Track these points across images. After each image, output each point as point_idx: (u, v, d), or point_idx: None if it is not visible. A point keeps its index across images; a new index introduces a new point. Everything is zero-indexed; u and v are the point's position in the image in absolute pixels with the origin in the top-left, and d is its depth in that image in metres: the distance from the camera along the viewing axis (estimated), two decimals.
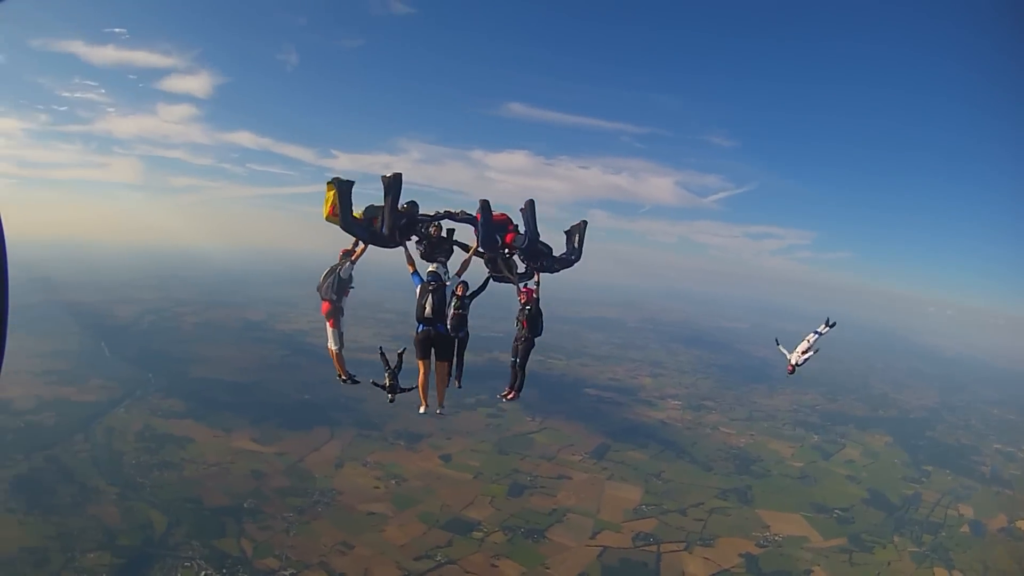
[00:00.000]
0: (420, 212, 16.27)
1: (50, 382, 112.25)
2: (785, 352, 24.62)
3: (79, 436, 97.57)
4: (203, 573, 72.14)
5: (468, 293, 16.53)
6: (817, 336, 24.34)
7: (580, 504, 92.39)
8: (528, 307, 16.94)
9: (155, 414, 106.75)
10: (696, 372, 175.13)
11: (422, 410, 16.69)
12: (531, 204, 16.33)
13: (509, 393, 18.19)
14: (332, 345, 17.74)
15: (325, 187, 14.84)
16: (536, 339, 17.49)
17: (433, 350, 15.90)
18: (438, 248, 16.35)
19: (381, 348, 17.46)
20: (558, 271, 17.17)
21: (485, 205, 15.80)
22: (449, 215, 16.33)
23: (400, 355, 17.20)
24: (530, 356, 17.62)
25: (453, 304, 16.38)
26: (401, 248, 16.10)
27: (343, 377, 18.30)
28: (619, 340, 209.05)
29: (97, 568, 71.37)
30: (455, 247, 16.68)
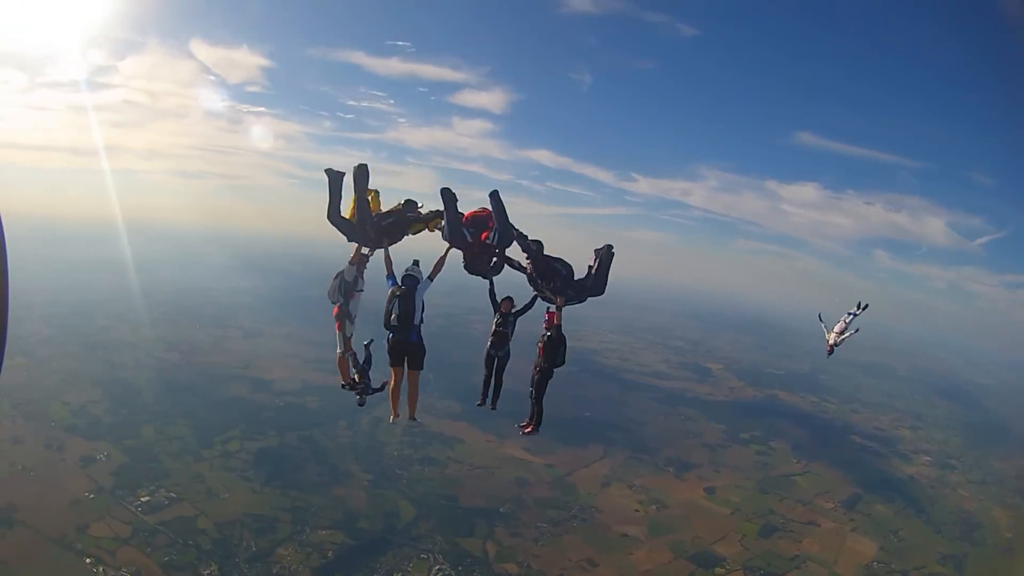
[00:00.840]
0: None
1: (321, 370, 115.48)
2: (825, 330, 23.80)
3: (342, 422, 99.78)
4: (437, 568, 71.00)
5: (514, 310, 15.54)
6: (851, 317, 23.61)
7: (820, 553, 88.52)
8: (549, 333, 15.26)
9: (429, 412, 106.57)
10: (949, 427, 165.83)
11: (391, 419, 15.47)
12: (495, 194, 13.84)
13: (527, 427, 16.59)
14: (337, 350, 16.15)
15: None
16: (555, 370, 15.69)
17: (405, 359, 14.31)
18: None
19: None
20: (575, 299, 14.95)
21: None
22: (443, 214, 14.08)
23: (367, 347, 16.39)
24: (547, 387, 16.03)
25: (495, 321, 15.75)
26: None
27: (344, 384, 16.58)
28: (888, 387, 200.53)
29: (326, 544, 71.94)
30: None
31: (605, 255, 14.91)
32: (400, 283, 14.19)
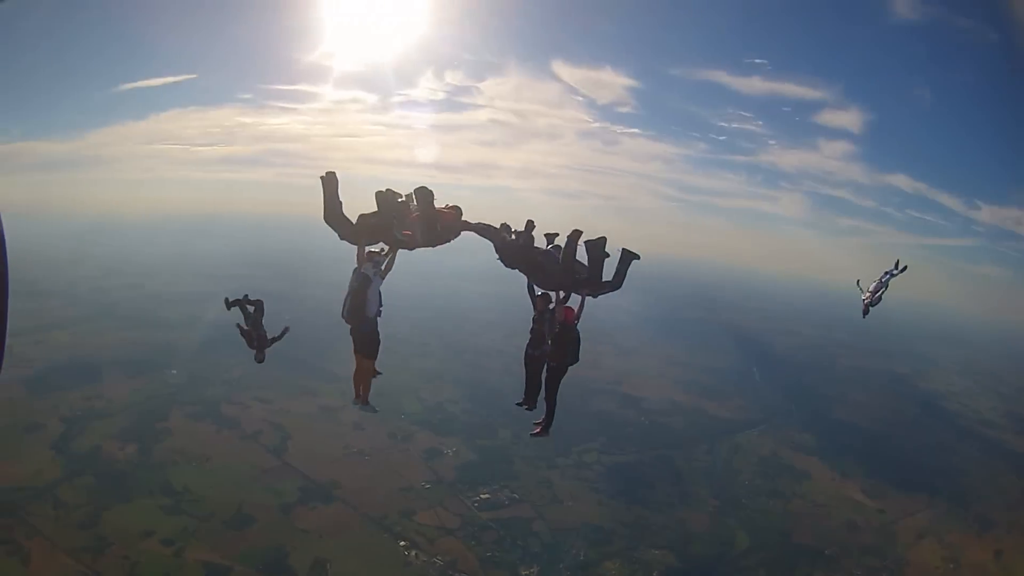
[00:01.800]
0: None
1: (690, 392, 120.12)
2: (861, 293, 21.48)
3: (703, 446, 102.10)
4: None
5: (551, 307, 15.72)
6: (888, 276, 21.53)
7: None
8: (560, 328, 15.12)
9: (785, 444, 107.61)
10: None
11: (353, 401, 15.72)
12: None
13: (538, 429, 16.83)
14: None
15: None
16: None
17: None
18: None
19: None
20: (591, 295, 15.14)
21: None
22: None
23: (246, 298, 16.56)
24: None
25: (533, 317, 16.03)
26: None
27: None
28: None
29: (654, 564, 74.00)
30: None
31: (624, 257, 14.91)
32: (355, 279, 14.35)
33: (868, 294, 22.39)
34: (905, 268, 22.32)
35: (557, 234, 15.20)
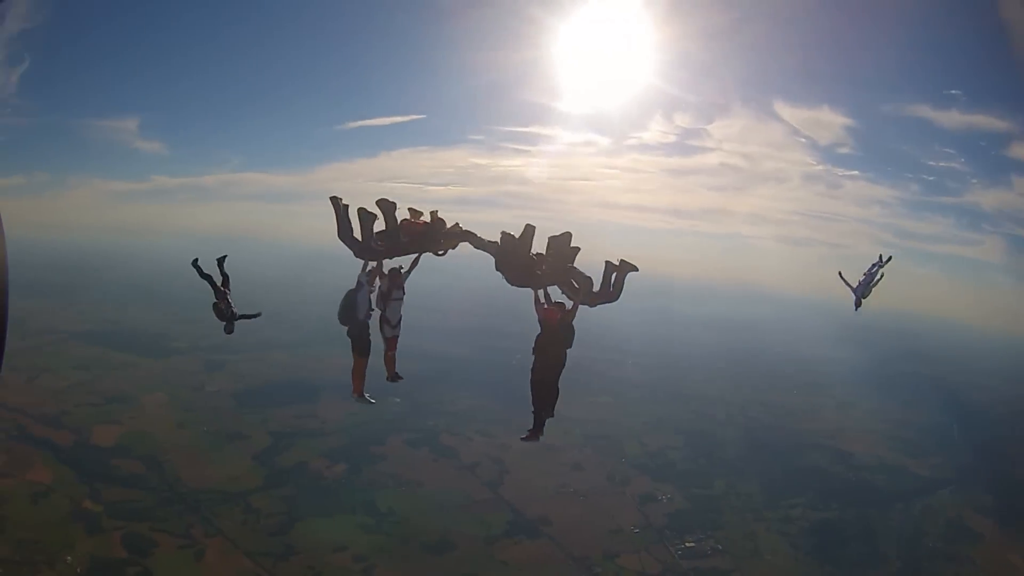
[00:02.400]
0: None
1: (896, 448, 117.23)
2: (849, 286, 19.63)
3: (899, 505, 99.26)
4: None
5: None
6: (876, 268, 19.69)
7: None
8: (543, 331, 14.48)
9: (970, 507, 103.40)
10: None
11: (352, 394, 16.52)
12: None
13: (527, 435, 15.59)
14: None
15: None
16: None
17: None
18: None
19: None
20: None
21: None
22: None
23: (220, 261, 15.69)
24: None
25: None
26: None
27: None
28: None
29: None
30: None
31: (622, 267, 14.19)
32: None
33: (857, 286, 21.08)
34: (890, 259, 21.00)
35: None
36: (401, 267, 15.64)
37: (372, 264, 15.25)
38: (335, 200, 14.80)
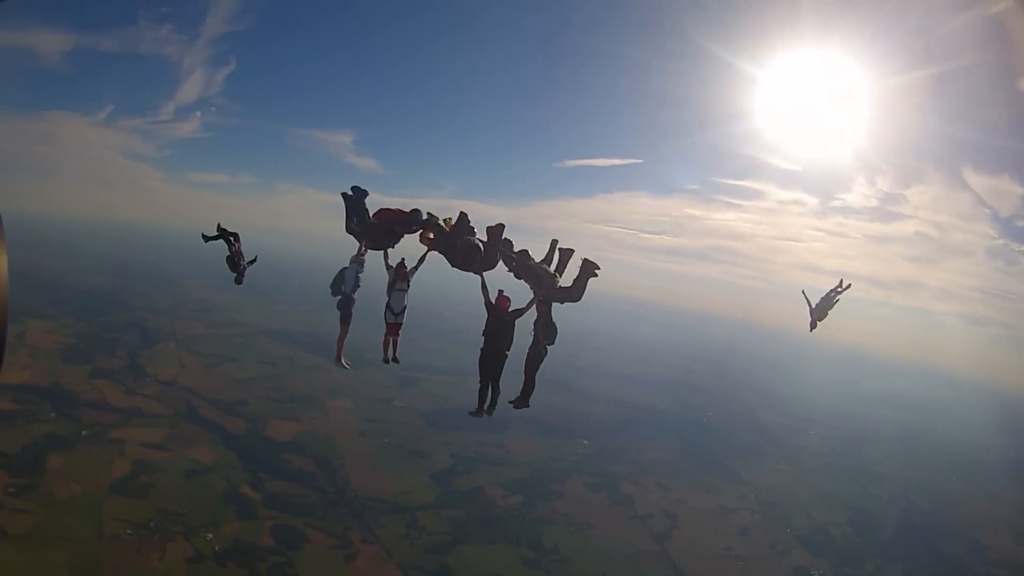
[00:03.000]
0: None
1: None
2: (808, 305, 21.01)
3: None
4: None
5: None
6: (835, 293, 21.35)
7: None
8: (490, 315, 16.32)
9: None
10: None
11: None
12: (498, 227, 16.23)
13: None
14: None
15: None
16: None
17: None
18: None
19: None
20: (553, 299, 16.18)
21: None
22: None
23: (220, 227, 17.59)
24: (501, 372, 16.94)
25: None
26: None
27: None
28: None
29: None
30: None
31: (585, 267, 15.78)
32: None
33: (815, 308, 22.31)
34: (849, 286, 22.34)
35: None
36: (404, 260, 16.97)
37: (362, 247, 16.99)
38: (345, 194, 16.96)
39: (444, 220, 16.20)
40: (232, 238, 18.08)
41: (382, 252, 16.93)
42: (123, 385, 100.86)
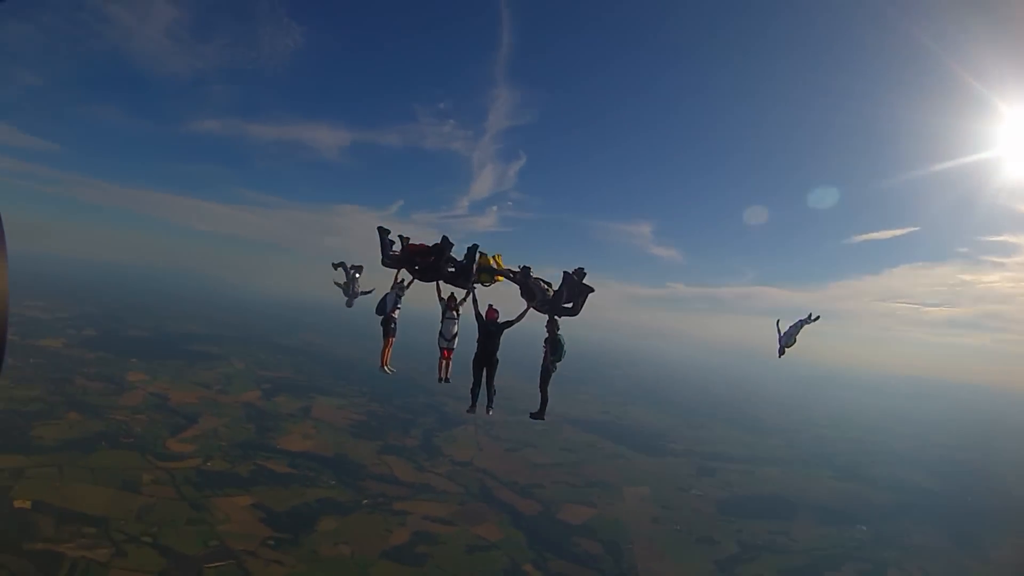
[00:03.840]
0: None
1: None
2: (778, 332, 23.41)
3: None
4: None
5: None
6: (802, 323, 23.47)
7: None
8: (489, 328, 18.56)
9: None
10: None
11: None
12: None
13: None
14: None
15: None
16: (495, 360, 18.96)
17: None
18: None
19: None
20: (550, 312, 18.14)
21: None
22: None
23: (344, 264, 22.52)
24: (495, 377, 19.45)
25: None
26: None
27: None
28: None
29: None
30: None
31: (581, 288, 17.63)
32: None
33: (783, 336, 23.62)
34: (818, 318, 23.65)
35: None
36: (453, 294, 19.08)
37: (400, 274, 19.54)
38: (381, 229, 19.55)
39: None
40: (354, 269, 22.44)
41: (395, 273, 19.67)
42: (414, 462, 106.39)
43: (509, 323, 18.42)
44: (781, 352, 23.86)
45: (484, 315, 18.53)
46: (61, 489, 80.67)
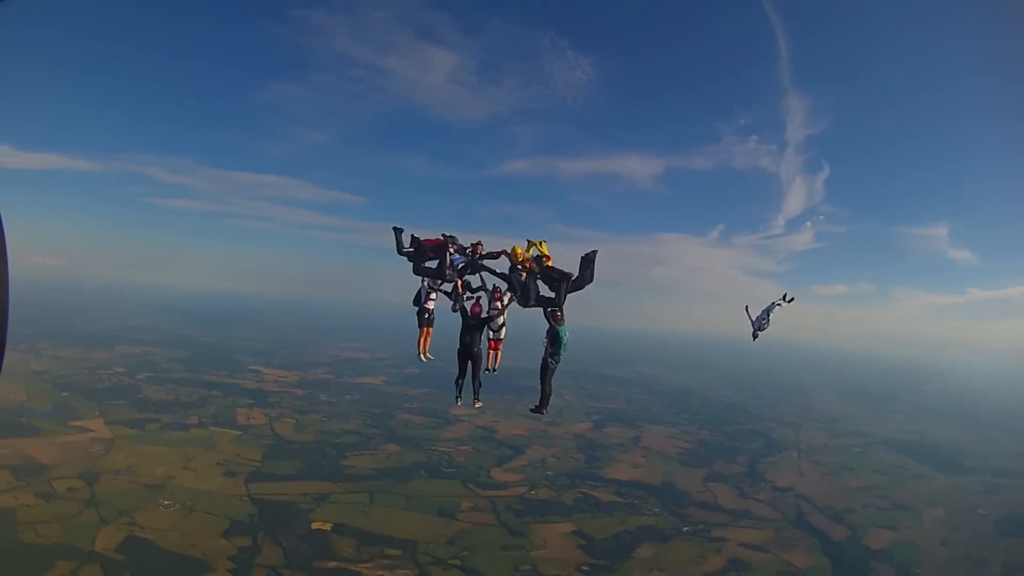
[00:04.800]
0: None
1: None
2: (749, 318, 23.80)
3: None
4: None
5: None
6: (775, 305, 23.68)
7: None
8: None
9: None
10: None
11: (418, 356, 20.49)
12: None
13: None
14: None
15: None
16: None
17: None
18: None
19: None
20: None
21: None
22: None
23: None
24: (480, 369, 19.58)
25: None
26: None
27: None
28: None
29: None
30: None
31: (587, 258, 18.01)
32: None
33: (757, 320, 23.76)
34: (792, 299, 23.76)
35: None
36: (495, 285, 19.24)
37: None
38: (396, 229, 19.60)
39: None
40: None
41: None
42: (738, 489, 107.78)
43: (491, 318, 19.23)
44: (755, 336, 24.17)
45: (469, 310, 19.20)
46: (368, 514, 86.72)
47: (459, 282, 19.35)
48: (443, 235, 19.35)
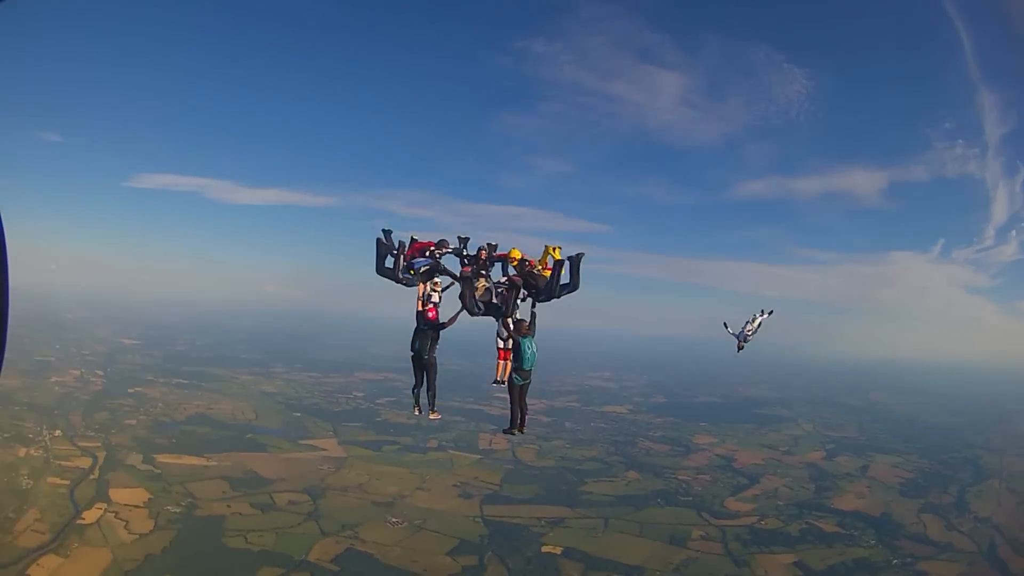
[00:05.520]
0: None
1: None
2: (730, 333, 24.25)
3: None
4: None
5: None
6: (757, 318, 24.32)
7: None
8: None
9: None
10: None
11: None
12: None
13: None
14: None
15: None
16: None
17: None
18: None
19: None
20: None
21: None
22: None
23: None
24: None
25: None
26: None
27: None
28: None
29: None
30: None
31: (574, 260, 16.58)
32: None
33: (740, 333, 24.22)
34: (772, 312, 24.56)
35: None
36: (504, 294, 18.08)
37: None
38: (379, 239, 18.14)
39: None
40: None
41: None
42: (945, 520, 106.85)
43: (443, 325, 17.68)
44: (740, 348, 24.60)
45: (425, 313, 17.65)
46: (600, 539, 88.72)
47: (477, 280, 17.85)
48: (441, 240, 18.58)
